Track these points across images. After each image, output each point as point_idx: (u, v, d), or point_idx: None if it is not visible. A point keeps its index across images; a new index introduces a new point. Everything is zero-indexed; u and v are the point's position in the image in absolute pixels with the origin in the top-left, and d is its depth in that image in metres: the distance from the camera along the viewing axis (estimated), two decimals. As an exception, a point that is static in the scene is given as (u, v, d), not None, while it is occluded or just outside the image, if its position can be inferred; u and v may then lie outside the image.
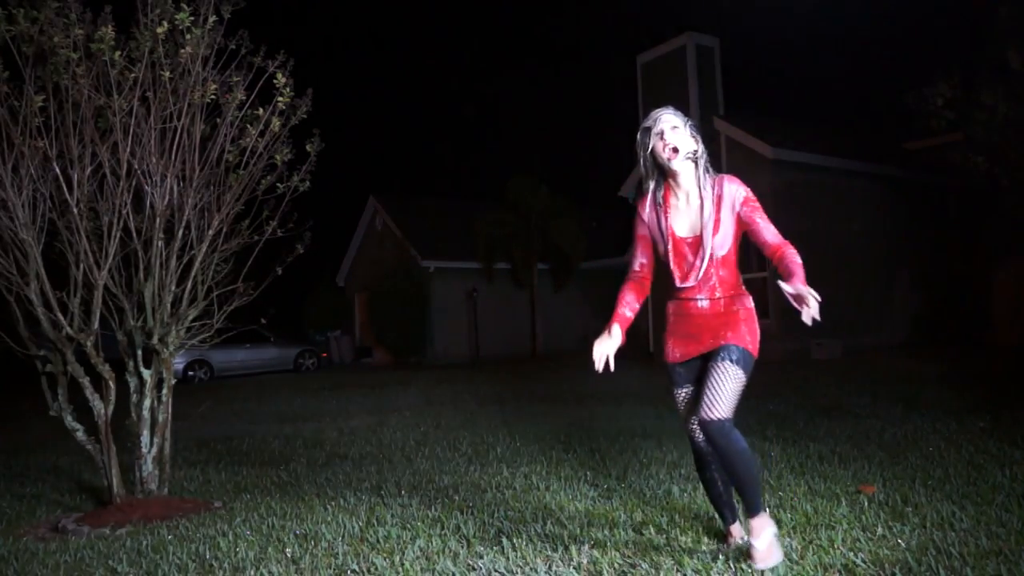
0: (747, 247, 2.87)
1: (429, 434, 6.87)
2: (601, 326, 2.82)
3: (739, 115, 16.08)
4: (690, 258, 2.80)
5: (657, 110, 2.81)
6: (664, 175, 2.82)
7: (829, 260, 15.11)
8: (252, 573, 3.14)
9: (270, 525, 3.88)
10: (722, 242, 2.77)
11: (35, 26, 3.90)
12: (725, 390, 2.70)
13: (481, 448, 5.89)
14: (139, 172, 4.22)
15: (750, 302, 2.87)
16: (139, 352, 4.42)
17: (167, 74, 4.14)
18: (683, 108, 15.24)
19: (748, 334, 2.79)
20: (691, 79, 15.71)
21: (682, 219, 2.82)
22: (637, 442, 5.74)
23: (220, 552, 3.42)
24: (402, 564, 3.13)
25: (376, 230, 23.60)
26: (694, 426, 2.90)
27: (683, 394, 2.97)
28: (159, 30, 4.03)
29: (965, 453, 4.60)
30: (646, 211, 2.88)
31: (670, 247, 2.81)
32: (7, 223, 4.00)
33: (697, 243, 2.78)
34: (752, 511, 2.78)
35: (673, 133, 2.74)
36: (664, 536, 3.31)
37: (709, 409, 2.70)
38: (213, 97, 4.34)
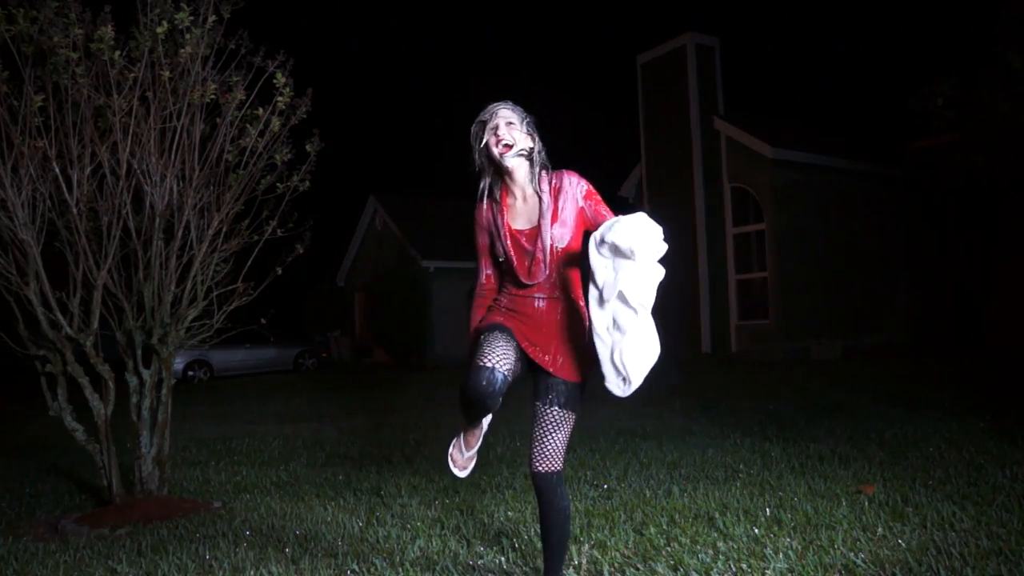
0: (748, 248, 2.84)
1: (429, 434, 6.87)
2: None
3: (739, 115, 16.07)
4: (529, 249, 2.60)
5: (494, 104, 2.62)
6: (500, 173, 2.64)
7: (829, 260, 15.11)
8: (252, 573, 3.13)
9: (270, 525, 3.88)
10: (562, 234, 2.58)
11: (35, 26, 3.90)
12: (558, 440, 2.57)
13: (481, 448, 5.88)
14: (139, 172, 4.22)
15: (587, 315, 2.60)
16: (139, 352, 4.42)
17: (167, 74, 4.14)
18: (683, 108, 15.12)
19: (581, 362, 2.61)
20: (691, 79, 15.70)
21: (519, 215, 2.65)
22: (637, 442, 5.74)
23: (220, 552, 3.42)
24: (402, 564, 3.13)
25: (376, 230, 23.59)
26: (490, 371, 2.38)
27: (502, 340, 2.47)
28: (159, 30, 4.03)
29: (965, 453, 4.60)
30: (483, 214, 2.69)
31: (508, 243, 2.62)
32: (7, 223, 3.99)
33: (535, 234, 2.59)
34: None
35: (507, 129, 2.57)
36: (664, 536, 3.31)
37: (542, 461, 2.57)
38: (213, 97, 4.34)
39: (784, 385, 9.21)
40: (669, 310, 16.34)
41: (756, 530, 3.30)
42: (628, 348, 2.41)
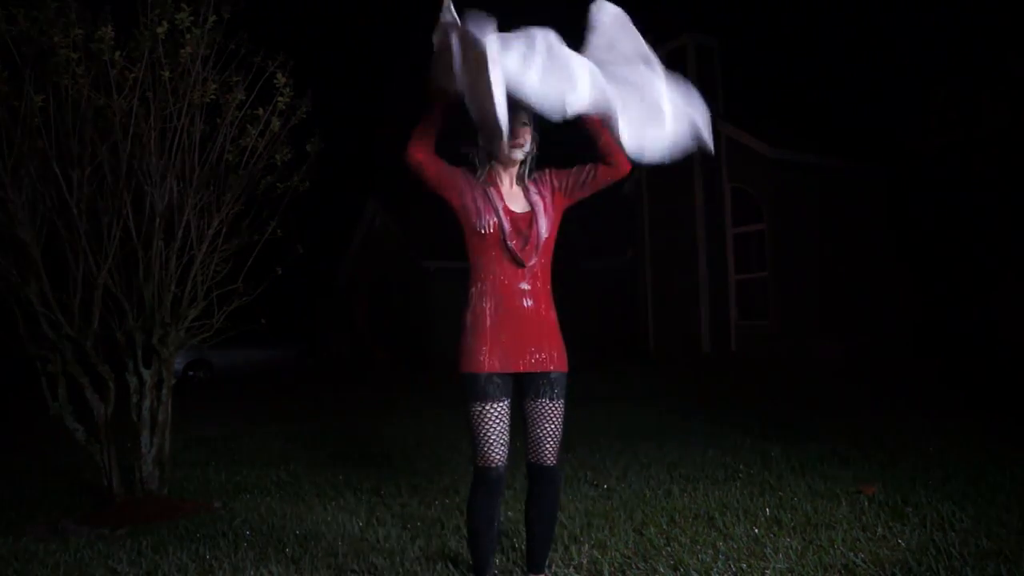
0: (748, 248, 2.86)
1: (429, 434, 6.87)
2: (599, 326, 2.74)
3: (739, 115, 16.07)
4: (524, 232, 2.63)
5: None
6: (492, 156, 2.66)
7: (829, 260, 15.12)
8: (252, 573, 3.14)
9: (270, 525, 3.88)
10: (548, 226, 2.65)
11: (35, 26, 3.90)
12: (560, 433, 2.66)
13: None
14: (139, 172, 4.22)
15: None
16: (139, 352, 4.42)
17: (167, 74, 4.14)
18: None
19: (564, 351, 2.68)
20: (691, 79, 15.67)
21: (510, 199, 2.68)
22: (637, 442, 5.74)
23: (220, 552, 3.42)
24: (402, 564, 3.13)
25: (376, 230, 23.59)
26: (502, 459, 2.61)
27: (499, 409, 2.57)
28: (159, 30, 4.03)
29: (965, 453, 4.60)
30: (470, 177, 2.68)
31: (505, 220, 2.61)
32: (7, 223, 4.00)
33: (529, 218, 2.63)
34: (542, 568, 2.73)
35: (523, 131, 2.62)
36: (664, 536, 3.31)
37: (552, 456, 2.64)
38: (213, 97, 4.34)
39: (784, 385, 9.21)
40: (669, 310, 16.36)
41: (756, 530, 3.30)
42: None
